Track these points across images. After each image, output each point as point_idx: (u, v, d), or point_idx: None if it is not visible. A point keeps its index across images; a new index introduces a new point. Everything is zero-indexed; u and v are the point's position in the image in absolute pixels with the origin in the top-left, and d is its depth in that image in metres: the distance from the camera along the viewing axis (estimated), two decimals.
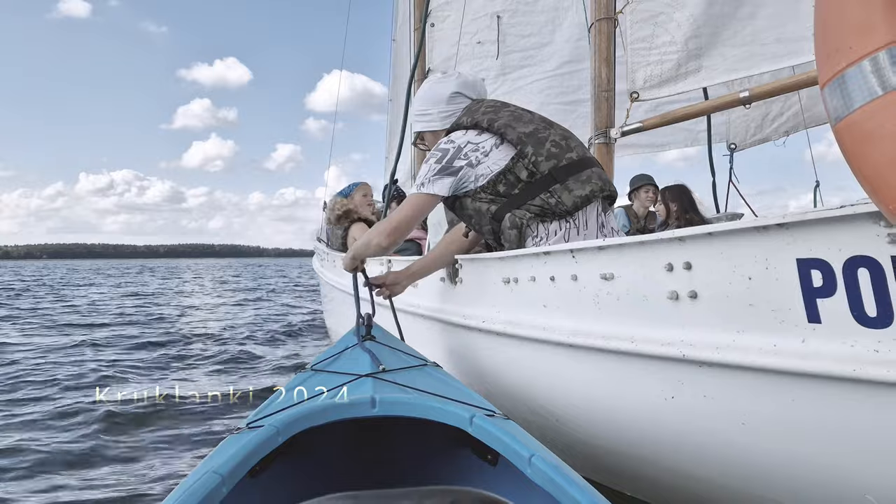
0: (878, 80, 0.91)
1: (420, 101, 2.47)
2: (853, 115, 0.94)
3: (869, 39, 0.93)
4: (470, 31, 6.61)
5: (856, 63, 0.94)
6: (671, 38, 3.50)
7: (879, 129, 0.91)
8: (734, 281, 1.35)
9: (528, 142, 2.14)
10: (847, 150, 0.97)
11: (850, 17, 0.95)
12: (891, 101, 0.90)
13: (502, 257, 2.16)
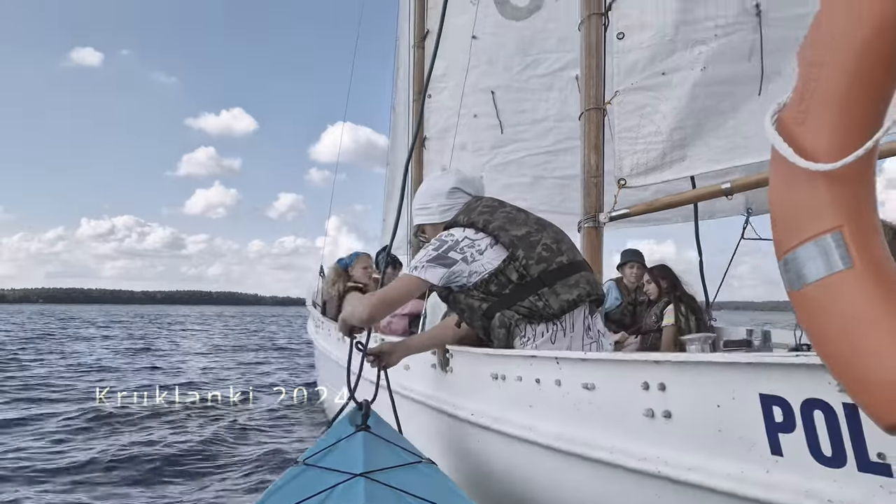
0: (824, 262, 1.02)
1: (420, 196, 2.60)
2: (804, 290, 1.05)
3: (817, 223, 1.05)
4: (467, 103, 6.83)
5: (806, 242, 1.05)
6: (657, 128, 3.67)
7: (826, 307, 1.02)
8: (704, 406, 1.45)
9: (519, 245, 2.25)
10: (800, 318, 1.08)
11: (801, 201, 1.07)
12: (835, 281, 1.01)
13: (492, 354, 2.25)
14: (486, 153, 6.79)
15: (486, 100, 6.76)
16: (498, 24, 6.65)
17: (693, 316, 4.37)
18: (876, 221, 1.05)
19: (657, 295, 4.57)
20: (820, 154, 1.04)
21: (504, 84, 6.65)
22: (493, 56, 6.68)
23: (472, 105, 6.83)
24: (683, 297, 4.43)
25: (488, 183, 6.41)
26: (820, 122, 1.05)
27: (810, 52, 1.08)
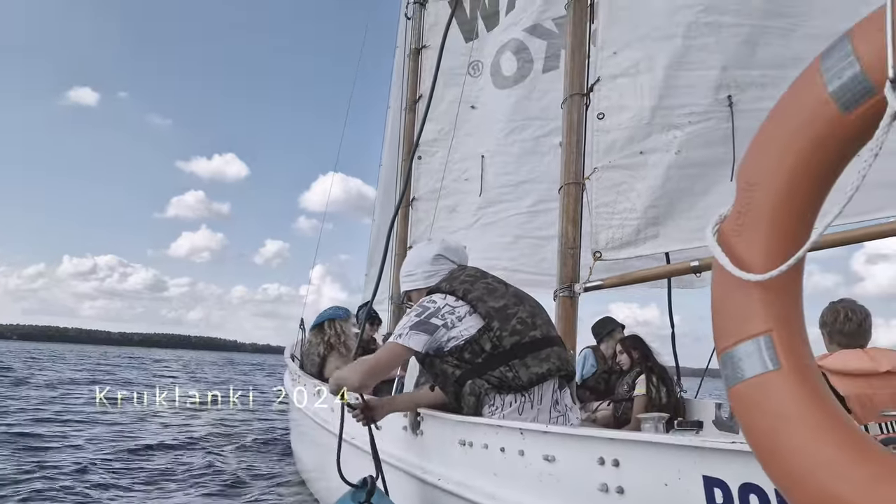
0: (756, 362, 1.14)
1: (407, 265, 2.72)
2: (738, 387, 1.16)
3: (750, 326, 1.16)
4: (458, 168, 7.06)
5: (740, 343, 1.17)
6: (632, 205, 3.84)
7: (757, 403, 1.13)
8: (654, 484, 1.54)
9: (496, 316, 2.36)
10: (735, 412, 1.18)
11: (737, 305, 1.19)
12: (764, 380, 1.12)
13: (460, 421, 2.33)
14: (473, 214, 6.97)
15: (477, 164, 6.99)
16: (492, 94, 6.94)
17: (664, 386, 4.46)
18: (801, 326, 1.17)
19: (629, 365, 4.67)
20: (753, 264, 1.16)
21: (492, 149, 6.88)
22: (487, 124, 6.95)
23: (465, 170, 7.06)
24: (655, 367, 4.53)
25: (474, 242, 6.59)
26: (754, 235, 1.18)
27: (747, 173, 1.22)
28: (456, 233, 7.11)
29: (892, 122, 0.97)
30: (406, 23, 7.87)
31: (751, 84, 3.65)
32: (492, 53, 7.01)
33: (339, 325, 4.90)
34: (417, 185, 7.19)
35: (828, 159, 1.10)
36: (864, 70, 1.02)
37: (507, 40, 6.73)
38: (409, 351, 2.37)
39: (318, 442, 4.47)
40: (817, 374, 1.13)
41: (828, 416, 1.07)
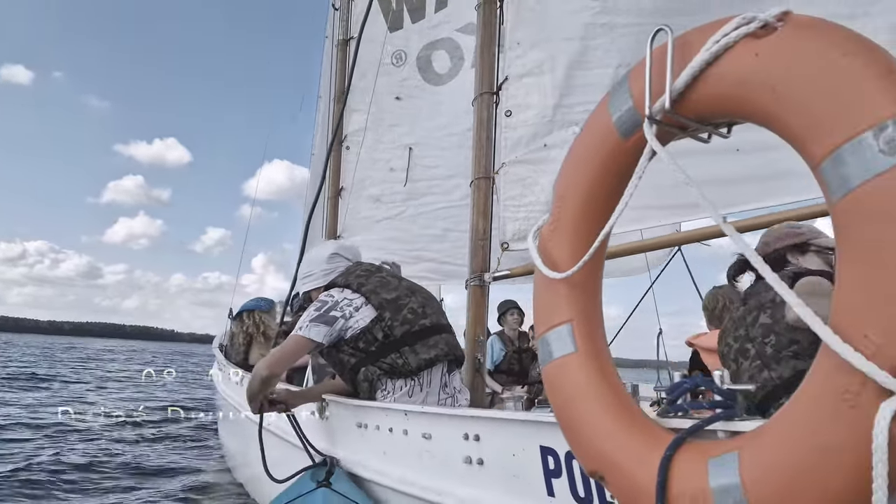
0: (559, 346, 1.35)
1: (305, 265, 2.86)
2: (547, 368, 1.38)
3: (556, 316, 1.38)
4: (384, 157, 7.19)
5: (550, 330, 1.39)
6: (536, 198, 4.07)
7: (558, 381, 1.35)
8: (505, 455, 1.75)
9: (387, 307, 2.54)
10: (546, 388, 1.40)
11: (548, 297, 1.41)
12: (565, 362, 1.34)
13: (356, 405, 2.51)
14: (398, 205, 7.12)
15: (403, 155, 7.14)
16: (420, 87, 7.08)
17: None
18: (598, 316, 1.40)
19: None
20: (561, 264, 1.38)
21: (421, 141, 7.04)
22: (414, 116, 7.09)
23: (390, 160, 7.19)
24: None
25: (401, 234, 6.76)
26: (562, 240, 1.39)
27: (559, 186, 1.43)
28: (381, 222, 7.25)
29: (652, 154, 1.19)
30: (334, 13, 7.92)
31: None
32: (418, 46, 7.14)
33: (258, 316, 5.01)
34: (345, 177, 7.29)
35: (614, 177, 1.31)
36: (635, 106, 1.23)
37: (439, 38, 6.82)
38: (311, 342, 2.53)
39: (241, 429, 4.59)
40: (607, 357, 1.36)
41: (611, 392, 1.29)
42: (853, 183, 0.89)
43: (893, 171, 0.85)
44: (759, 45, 1.03)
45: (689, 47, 1.13)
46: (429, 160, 6.96)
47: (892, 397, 0.83)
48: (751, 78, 1.03)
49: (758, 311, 1.85)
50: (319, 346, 2.54)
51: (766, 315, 1.81)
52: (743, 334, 1.84)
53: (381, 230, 7.31)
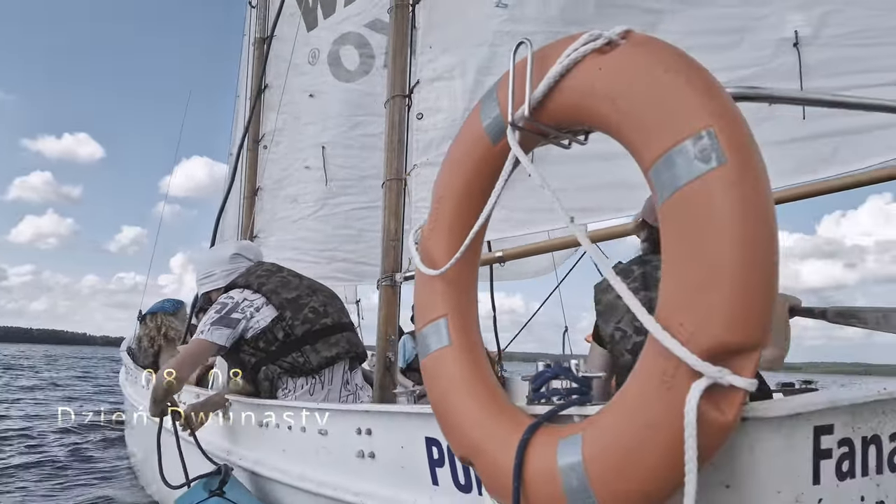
0: (436, 340, 1.42)
1: (204, 266, 2.83)
2: (425, 360, 1.44)
3: (433, 311, 1.45)
4: (300, 157, 7.13)
5: (427, 325, 1.45)
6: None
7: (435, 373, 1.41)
8: (394, 447, 1.81)
9: (288, 307, 2.56)
10: (424, 380, 1.46)
11: (426, 294, 1.48)
12: (441, 354, 1.41)
13: (258, 404, 2.52)
14: (312, 205, 7.08)
15: (318, 154, 7.10)
16: (332, 84, 7.06)
17: None
18: (472, 310, 1.47)
19: None
20: (438, 262, 1.45)
21: (334, 140, 7.01)
22: (326, 113, 7.07)
23: (306, 158, 7.14)
24: None
25: (315, 234, 6.72)
26: (439, 239, 1.46)
27: (437, 188, 1.50)
28: (298, 222, 7.20)
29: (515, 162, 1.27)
30: (251, 10, 7.81)
31: None
32: (329, 42, 7.12)
33: (161, 318, 4.90)
34: (263, 177, 7.20)
35: (485, 179, 1.39)
36: (501, 113, 1.31)
37: (347, 32, 6.82)
38: (214, 345, 2.52)
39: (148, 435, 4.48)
40: (480, 349, 1.44)
41: (481, 384, 1.36)
42: (675, 186, 0.99)
43: (706, 175, 0.95)
44: (603, 60, 1.13)
45: (546, 60, 1.22)
46: (341, 160, 6.95)
47: (701, 378, 0.93)
48: (595, 90, 1.12)
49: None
50: (222, 348, 2.53)
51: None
52: (616, 321, 1.97)
53: (297, 230, 7.26)
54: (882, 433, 1.17)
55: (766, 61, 3.55)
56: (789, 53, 3.47)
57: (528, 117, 1.23)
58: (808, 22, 3.43)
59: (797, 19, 3.48)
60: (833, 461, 1.11)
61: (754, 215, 0.92)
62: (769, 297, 0.93)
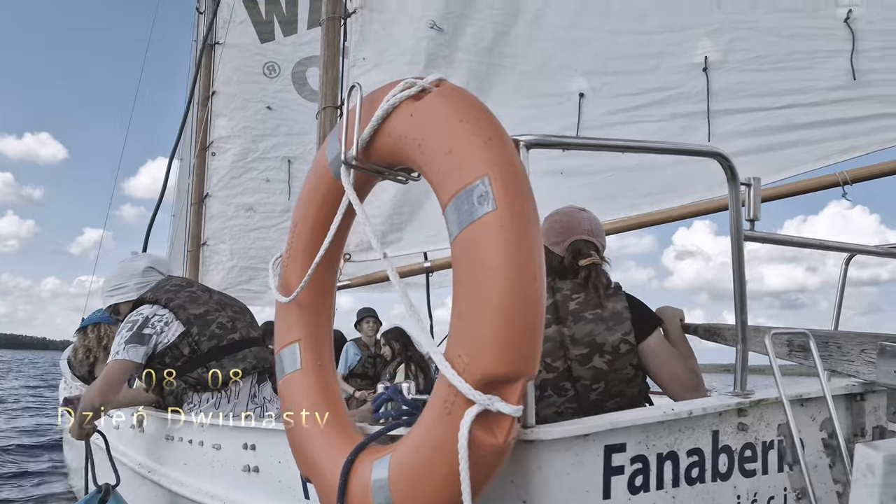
0: (290, 363, 1.50)
1: (115, 278, 2.84)
2: (281, 382, 1.52)
3: (288, 335, 1.53)
4: (258, 167, 7.16)
5: (284, 348, 1.53)
6: (378, 212, 4.24)
7: (288, 395, 1.49)
8: (274, 461, 1.89)
9: (195, 322, 2.61)
10: (281, 402, 1.54)
11: (282, 319, 1.56)
12: (292, 377, 1.49)
13: (164, 418, 2.57)
14: (277, 216, 7.11)
15: (281, 167, 7.13)
16: (299, 102, 7.12)
17: (422, 374, 4.95)
18: (325, 335, 1.55)
19: (391, 356, 5.12)
20: (292, 288, 1.52)
21: (300, 155, 7.06)
22: (289, 128, 7.12)
23: (265, 170, 7.18)
24: (413, 356, 5.02)
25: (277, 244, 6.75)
26: (293, 266, 1.54)
27: (293, 217, 1.58)
28: (255, 231, 7.24)
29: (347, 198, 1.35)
30: (199, 17, 7.81)
31: None
32: (292, 61, 7.20)
33: (102, 329, 4.88)
34: (210, 183, 7.20)
35: (331, 209, 1.47)
36: (341, 151, 1.40)
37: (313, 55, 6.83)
38: (133, 363, 2.51)
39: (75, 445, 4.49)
40: (330, 373, 1.52)
41: (327, 406, 1.45)
42: (460, 226, 1.08)
43: (482, 219, 1.05)
44: (415, 106, 1.22)
45: (375, 103, 1.30)
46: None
47: (474, 406, 1.02)
48: (407, 134, 1.21)
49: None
50: (141, 365, 2.56)
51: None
52: None
53: (255, 239, 7.28)
54: (679, 449, 1.28)
55: (679, 85, 3.73)
56: (699, 78, 3.65)
57: (356, 157, 1.32)
58: (717, 48, 3.62)
59: (708, 45, 3.66)
60: (625, 477, 1.22)
61: (519, 256, 1.02)
62: (534, 330, 1.03)
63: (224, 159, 7.34)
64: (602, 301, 1.73)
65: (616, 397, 1.70)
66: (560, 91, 4.03)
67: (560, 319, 1.76)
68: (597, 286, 1.75)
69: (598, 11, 4.00)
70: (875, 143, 2.99)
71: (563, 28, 4.05)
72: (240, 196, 7.24)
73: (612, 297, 1.74)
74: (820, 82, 3.25)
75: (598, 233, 1.92)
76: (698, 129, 3.64)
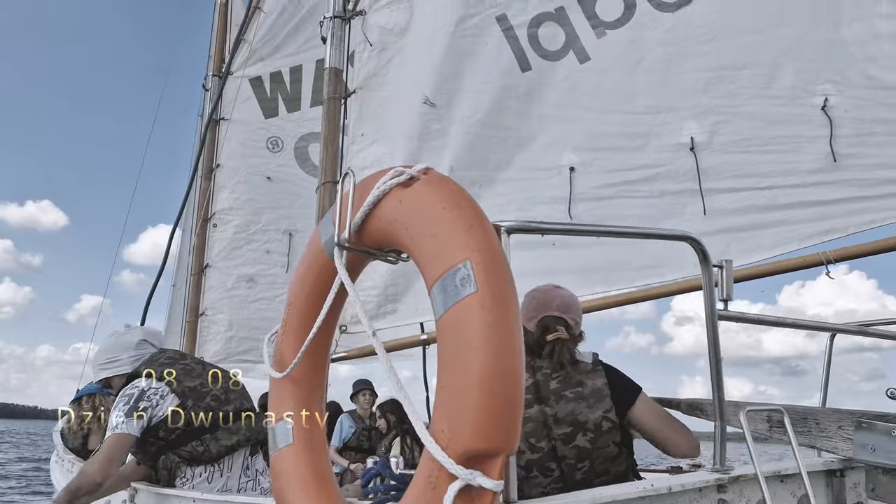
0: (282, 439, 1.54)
1: (109, 351, 2.87)
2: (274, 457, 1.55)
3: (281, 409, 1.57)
4: (259, 238, 7.27)
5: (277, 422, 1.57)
6: (374, 283, 4.31)
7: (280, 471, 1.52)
8: None
9: (190, 395, 2.63)
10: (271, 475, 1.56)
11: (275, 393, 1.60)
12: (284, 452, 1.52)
13: (156, 492, 2.56)
14: (278, 287, 7.17)
15: (283, 239, 7.23)
16: (301, 176, 7.29)
17: (417, 447, 4.90)
18: (318, 409, 1.59)
19: (387, 428, 5.08)
20: (286, 364, 1.58)
21: (302, 229, 7.17)
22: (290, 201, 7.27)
23: (266, 242, 7.28)
24: (410, 430, 4.98)
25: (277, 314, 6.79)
26: (287, 342, 1.60)
27: (289, 295, 1.65)
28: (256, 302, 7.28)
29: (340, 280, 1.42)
30: (205, 93, 8.09)
31: (472, 183, 4.26)
32: (294, 136, 7.41)
33: (99, 399, 4.86)
34: (211, 254, 7.29)
35: (325, 288, 1.54)
36: (334, 233, 1.47)
37: (315, 131, 6.98)
38: (131, 437, 2.51)
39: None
40: (321, 447, 1.55)
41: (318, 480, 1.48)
42: (445, 307, 1.15)
43: (464, 300, 1.11)
44: (404, 193, 1.31)
45: (366, 190, 1.39)
46: None
47: (456, 481, 1.06)
48: (396, 219, 1.30)
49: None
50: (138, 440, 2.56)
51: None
52: None
53: (255, 310, 7.31)
54: None
55: (668, 163, 3.86)
56: (688, 157, 3.79)
57: (349, 240, 1.40)
58: (703, 129, 3.78)
59: (693, 127, 3.82)
60: None
61: (499, 336, 1.08)
62: (514, 406, 1.08)
63: (226, 231, 7.45)
64: (581, 378, 1.78)
65: (602, 476, 1.73)
66: (551, 164, 4.14)
67: (542, 399, 1.80)
68: (561, 361, 1.80)
69: (588, 91, 4.16)
70: (852, 226, 3.10)
71: (554, 105, 4.20)
72: (240, 267, 7.31)
73: (591, 373, 1.79)
74: (801, 165, 3.39)
75: (567, 308, 1.96)
76: (686, 205, 3.75)
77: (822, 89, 3.46)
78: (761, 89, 3.67)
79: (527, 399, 1.82)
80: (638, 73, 4.08)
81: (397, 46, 4.67)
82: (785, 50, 3.69)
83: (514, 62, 4.28)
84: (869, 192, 3.18)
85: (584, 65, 4.18)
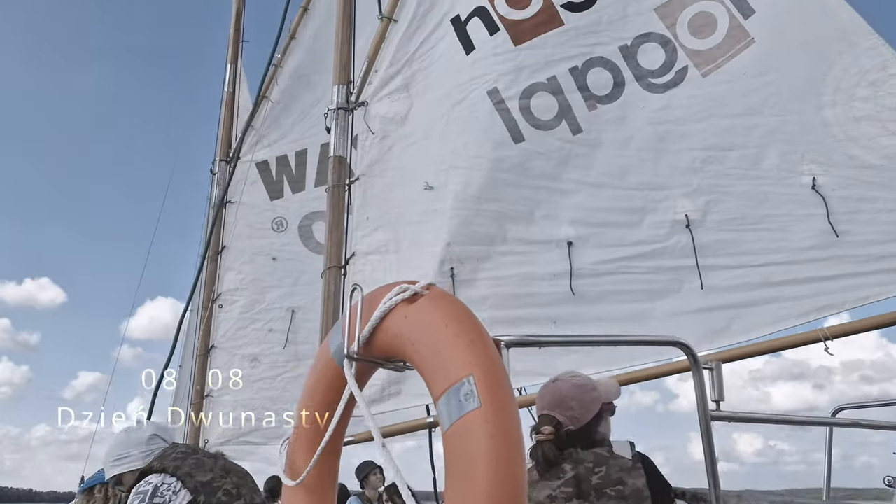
0: None
1: (120, 447, 2.91)
2: None
3: None
4: (262, 318, 7.34)
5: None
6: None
7: None
8: None
9: (202, 490, 2.65)
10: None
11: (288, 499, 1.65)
12: None
13: None
14: (280, 366, 7.20)
15: (285, 317, 7.29)
16: (304, 254, 7.43)
17: None
18: None
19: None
20: (299, 470, 1.63)
21: (304, 305, 7.25)
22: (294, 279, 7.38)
23: (269, 321, 7.35)
24: None
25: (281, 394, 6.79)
26: (301, 449, 1.66)
27: (300, 403, 1.72)
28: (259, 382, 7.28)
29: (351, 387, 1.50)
30: (213, 177, 8.32)
31: (468, 258, 4.32)
32: (299, 215, 7.58)
33: (109, 489, 4.82)
34: (217, 334, 7.36)
35: (335, 395, 1.61)
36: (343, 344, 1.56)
37: (319, 210, 7.15)
38: None
39: None
40: None
41: None
42: (451, 420, 1.22)
43: (468, 415, 1.19)
44: (409, 309, 1.40)
45: (373, 304, 1.49)
46: (312, 324, 7.14)
47: None
48: (402, 333, 1.38)
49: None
50: None
51: None
52: None
53: (258, 390, 7.31)
54: None
55: (663, 239, 3.96)
56: (683, 233, 3.89)
57: (357, 352, 1.48)
58: (696, 207, 3.90)
59: (687, 205, 3.94)
60: None
61: (500, 449, 1.15)
62: None
63: (231, 311, 7.54)
64: (622, 476, 1.78)
65: None
66: (548, 238, 4.18)
67: (582, 494, 1.80)
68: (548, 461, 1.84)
69: (581, 163, 4.23)
70: (849, 302, 3.17)
71: (549, 176, 4.28)
72: (244, 347, 7.37)
73: (632, 471, 1.80)
74: (794, 242, 3.49)
75: (558, 404, 1.96)
76: (684, 282, 3.83)
77: (809, 169, 3.60)
78: (749, 170, 3.81)
79: (566, 492, 1.86)
80: (629, 150, 4.21)
81: (398, 134, 4.88)
82: (771, 131, 3.85)
83: (506, 134, 4.37)
84: (862, 268, 3.27)
85: (576, 136, 4.27)
